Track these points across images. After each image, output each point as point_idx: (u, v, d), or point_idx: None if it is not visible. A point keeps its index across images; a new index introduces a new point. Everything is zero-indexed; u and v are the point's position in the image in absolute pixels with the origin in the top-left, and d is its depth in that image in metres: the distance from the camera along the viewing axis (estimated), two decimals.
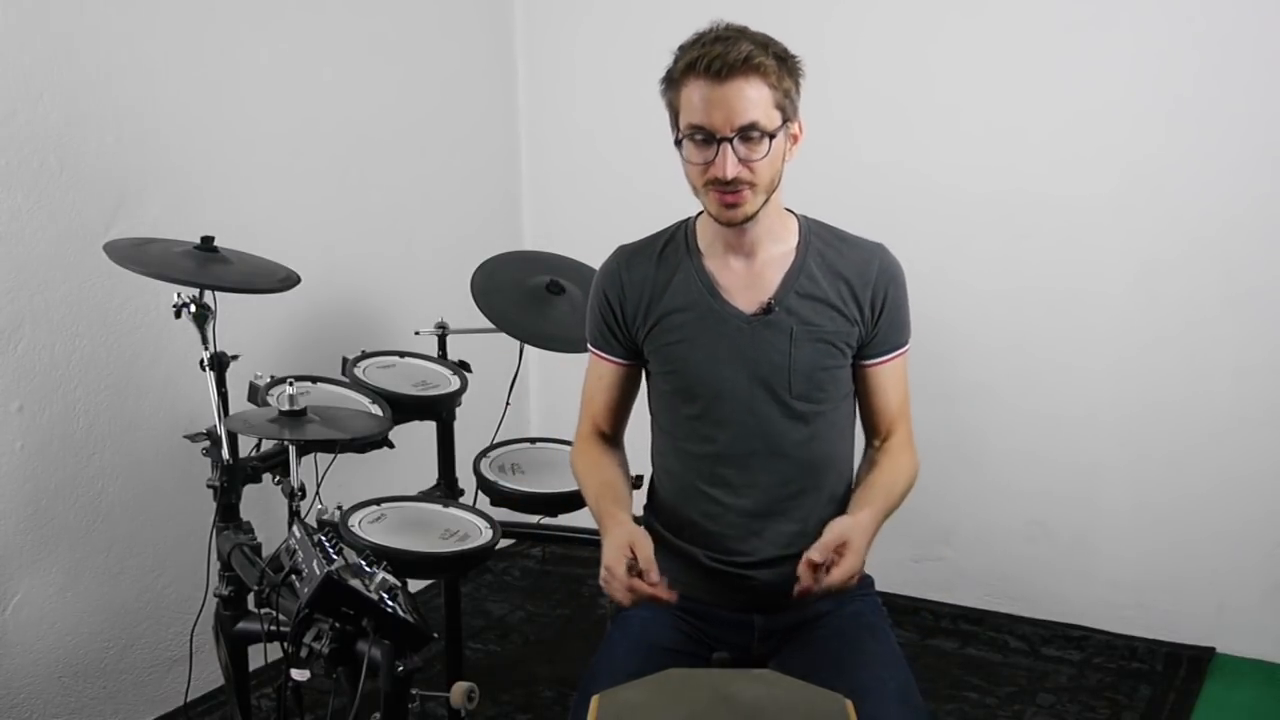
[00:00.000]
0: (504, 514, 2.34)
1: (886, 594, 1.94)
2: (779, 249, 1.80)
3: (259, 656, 2.15)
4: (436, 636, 1.94)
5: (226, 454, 2.14)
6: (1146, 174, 2.88)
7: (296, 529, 1.81)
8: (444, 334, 2.71)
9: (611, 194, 3.56)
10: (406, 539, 2.13)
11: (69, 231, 2.48)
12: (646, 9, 3.43)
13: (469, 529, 2.21)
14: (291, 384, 2.06)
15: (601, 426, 1.95)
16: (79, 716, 2.58)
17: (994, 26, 3.01)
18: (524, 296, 2.60)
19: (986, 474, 3.08)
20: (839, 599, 1.78)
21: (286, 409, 2.01)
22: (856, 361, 1.84)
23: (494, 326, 2.52)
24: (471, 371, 2.66)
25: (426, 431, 2.63)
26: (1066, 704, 2.77)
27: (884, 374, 1.85)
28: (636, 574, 1.65)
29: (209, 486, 2.16)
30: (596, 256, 1.90)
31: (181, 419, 2.65)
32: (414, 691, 1.83)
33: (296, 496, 2.11)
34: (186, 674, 2.43)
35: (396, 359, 2.65)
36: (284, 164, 2.96)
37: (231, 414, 2.13)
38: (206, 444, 2.17)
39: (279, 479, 2.22)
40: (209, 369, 2.13)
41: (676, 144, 1.72)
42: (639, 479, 2.02)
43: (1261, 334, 2.82)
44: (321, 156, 3.07)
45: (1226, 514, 2.90)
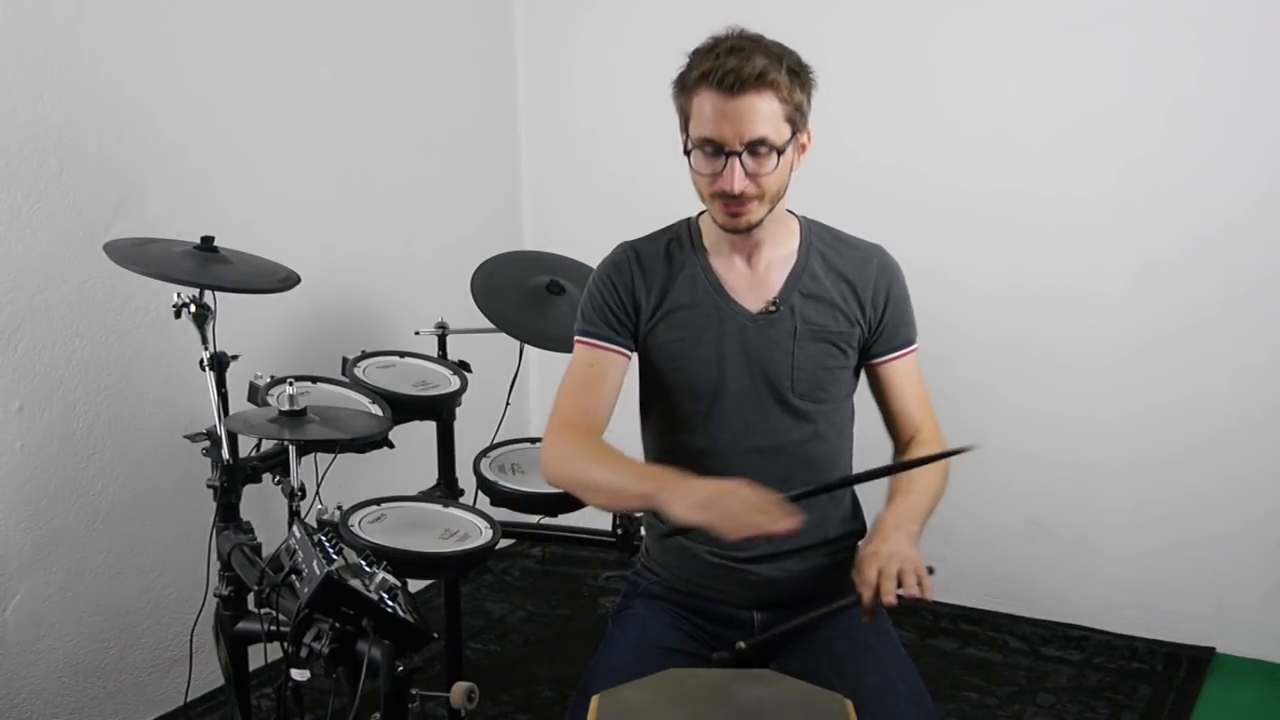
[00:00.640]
0: (504, 514, 2.34)
1: None
2: (781, 250, 1.82)
3: (259, 656, 2.15)
4: (436, 636, 1.94)
5: (226, 454, 2.14)
6: (1146, 174, 2.88)
7: (296, 529, 1.81)
8: (444, 334, 2.71)
9: (612, 194, 3.57)
10: (406, 539, 2.13)
11: (69, 231, 2.48)
12: (647, 9, 3.43)
13: (469, 529, 2.21)
14: (291, 384, 2.07)
15: (587, 418, 1.81)
16: (79, 716, 2.58)
17: (993, 27, 3.01)
18: (524, 296, 2.60)
19: (986, 474, 3.07)
20: (848, 611, 1.78)
21: (286, 409, 2.01)
22: (867, 362, 1.86)
23: (494, 326, 2.53)
24: (471, 371, 2.66)
25: (426, 431, 2.63)
26: (1066, 704, 2.77)
27: (898, 371, 1.86)
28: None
29: (209, 486, 2.16)
30: (596, 256, 1.90)
31: (181, 419, 2.65)
32: (414, 691, 1.83)
33: (296, 496, 2.11)
34: (186, 674, 2.43)
35: (396, 359, 2.65)
36: (284, 164, 2.96)
37: (231, 414, 2.13)
38: (206, 444, 2.17)
39: (279, 479, 2.22)
40: (209, 369, 2.13)
41: (686, 153, 1.72)
42: None
43: (1261, 334, 2.82)
44: (322, 156, 3.07)
45: (1226, 514, 2.90)
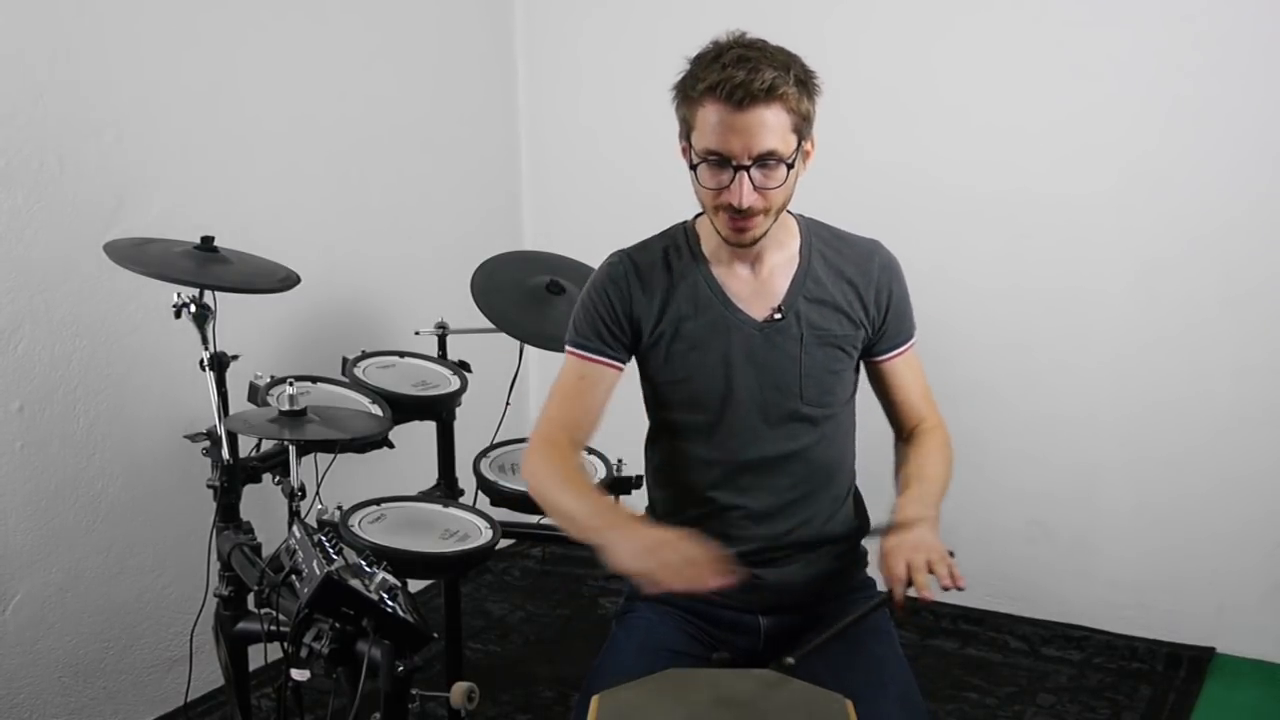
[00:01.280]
0: (504, 514, 2.34)
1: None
2: (783, 254, 1.80)
3: (259, 656, 2.15)
4: (436, 636, 1.94)
5: (226, 454, 2.14)
6: (1146, 173, 2.88)
7: (296, 529, 1.81)
8: (444, 334, 2.71)
9: (612, 194, 3.56)
10: (406, 539, 2.13)
11: (69, 231, 2.48)
12: (647, 8, 3.43)
13: (469, 529, 2.21)
14: (291, 384, 2.07)
15: (573, 432, 1.80)
16: (79, 716, 2.58)
17: (994, 26, 3.01)
18: (524, 296, 2.60)
19: (987, 474, 3.08)
20: (842, 602, 1.80)
21: (286, 409, 2.01)
22: (869, 360, 1.85)
23: (494, 326, 2.52)
24: (471, 371, 2.66)
25: (426, 431, 2.63)
26: (1066, 704, 2.77)
27: (899, 367, 1.86)
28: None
29: (209, 486, 2.16)
30: (596, 256, 1.89)
31: (181, 419, 2.65)
32: (414, 691, 1.83)
33: (296, 496, 2.11)
34: (186, 674, 2.43)
35: (396, 359, 2.65)
36: (284, 164, 2.96)
37: (231, 414, 2.13)
38: (206, 444, 2.16)
39: (279, 479, 2.22)
40: (209, 369, 2.13)
41: (691, 167, 1.68)
42: (639, 479, 2.01)
43: (1261, 334, 2.82)
44: (321, 156, 3.07)
45: (1227, 514, 2.90)
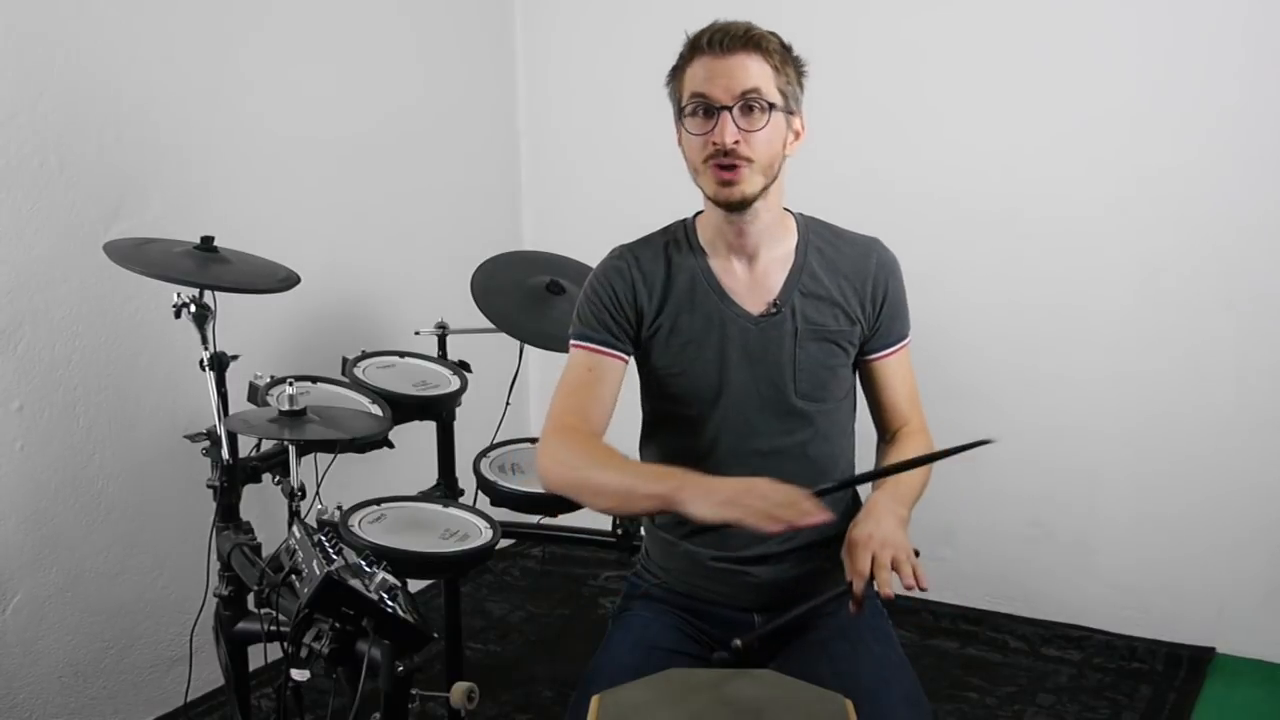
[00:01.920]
0: (504, 514, 2.34)
1: None
2: (780, 249, 1.80)
3: (259, 656, 2.14)
4: (436, 636, 1.94)
5: (226, 454, 2.14)
6: (1148, 180, 2.88)
7: (296, 529, 1.81)
8: (444, 334, 2.71)
9: (611, 194, 3.56)
10: (406, 539, 2.13)
11: (69, 231, 2.48)
12: (647, 9, 3.42)
13: (469, 529, 2.21)
14: (291, 384, 2.07)
15: (586, 423, 1.77)
16: (79, 716, 2.58)
17: (993, 34, 3.01)
18: (524, 296, 2.60)
19: (988, 480, 3.08)
20: (841, 601, 1.78)
21: (286, 409, 2.01)
22: (861, 358, 1.85)
23: (494, 326, 2.52)
24: (471, 371, 2.66)
25: (426, 431, 2.63)
26: (1066, 704, 2.77)
27: (890, 367, 1.86)
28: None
29: (209, 486, 2.16)
30: (596, 256, 1.89)
31: (181, 419, 2.65)
32: (414, 691, 1.82)
33: (296, 496, 2.11)
34: (186, 674, 2.43)
35: (396, 359, 2.65)
36: (284, 163, 2.96)
37: (231, 414, 2.13)
38: (206, 444, 2.16)
39: (279, 479, 2.22)
40: (209, 369, 2.12)
41: (677, 119, 1.72)
42: None
43: (1262, 341, 2.81)
44: (321, 156, 3.07)
45: (1228, 517, 2.90)
